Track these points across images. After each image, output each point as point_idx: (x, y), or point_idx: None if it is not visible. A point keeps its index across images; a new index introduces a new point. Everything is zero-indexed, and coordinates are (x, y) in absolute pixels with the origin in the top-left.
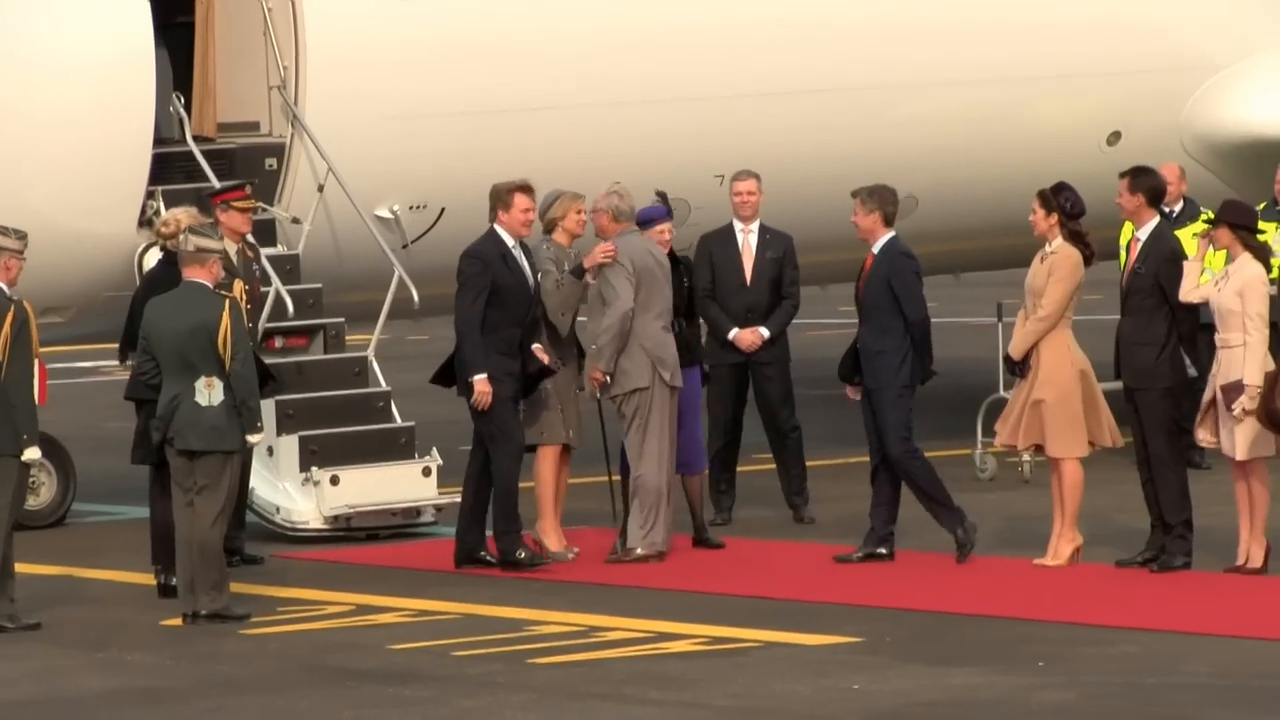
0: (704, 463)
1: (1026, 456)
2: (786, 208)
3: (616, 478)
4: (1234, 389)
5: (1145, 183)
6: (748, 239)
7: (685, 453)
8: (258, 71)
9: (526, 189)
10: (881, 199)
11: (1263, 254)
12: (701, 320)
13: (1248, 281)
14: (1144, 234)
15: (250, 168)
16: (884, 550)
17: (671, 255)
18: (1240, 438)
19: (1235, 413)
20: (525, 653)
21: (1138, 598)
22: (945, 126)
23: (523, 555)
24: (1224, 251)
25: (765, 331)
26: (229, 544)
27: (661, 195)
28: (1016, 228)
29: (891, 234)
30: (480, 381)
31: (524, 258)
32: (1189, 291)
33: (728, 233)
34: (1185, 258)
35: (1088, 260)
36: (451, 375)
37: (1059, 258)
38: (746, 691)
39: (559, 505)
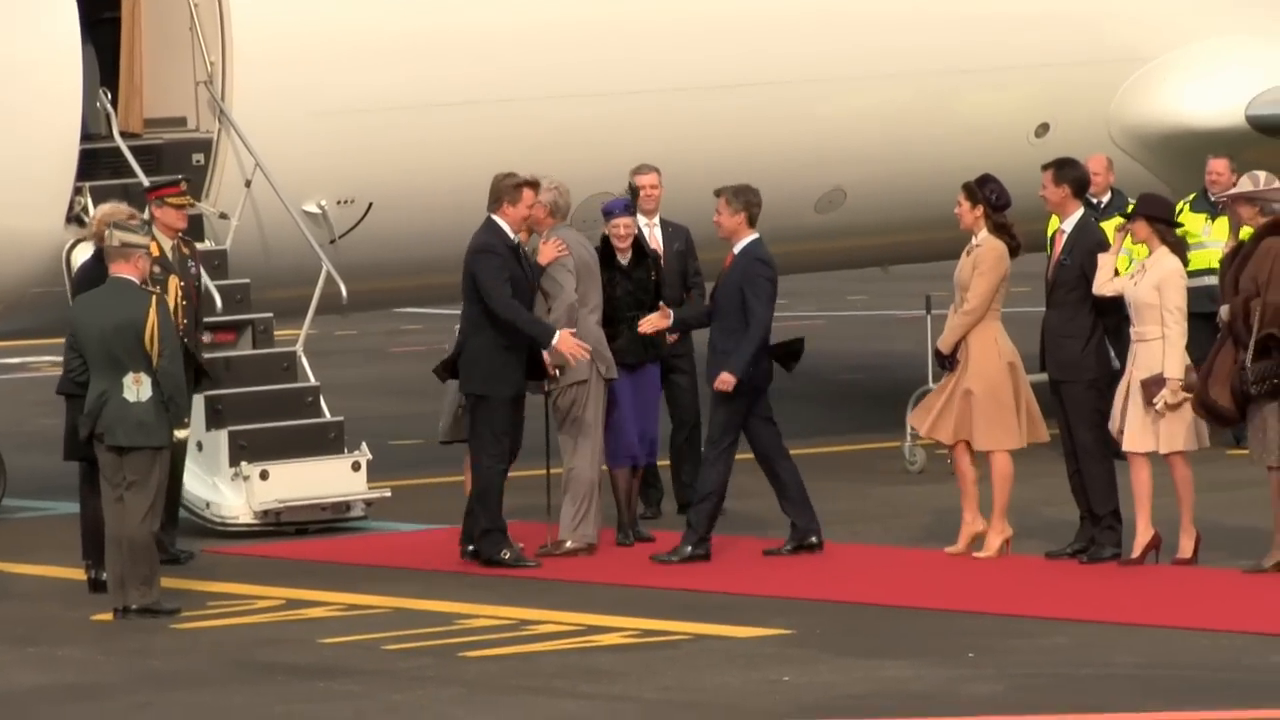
0: (654, 459)
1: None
2: (713, 200)
3: (557, 471)
4: (1154, 383)
5: (1070, 174)
6: (653, 233)
7: (638, 447)
8: (184, 67)
9: (535, 185)
10: (747, 200)
11: (1180, 248)
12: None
13: (1165, 275)
14: (1069, 226)
15: (177, 163)
16: (814, 539)
17: (639, 249)
18: (1163, 431)
19: (1157, 407)
20: (455, 646)
21: (1068, 589)
22: (873, 119)
23: (506, 555)
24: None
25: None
26: (160, 538)
27: (632, 189)
28: (945, 220)
29: (754, 236)
30: (562, 339)
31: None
32: (1103, 284)
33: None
34: (1108, 249)
35: (1013, 252)
36: (456, 369)
37: (984, 250)
38: (676, 684)
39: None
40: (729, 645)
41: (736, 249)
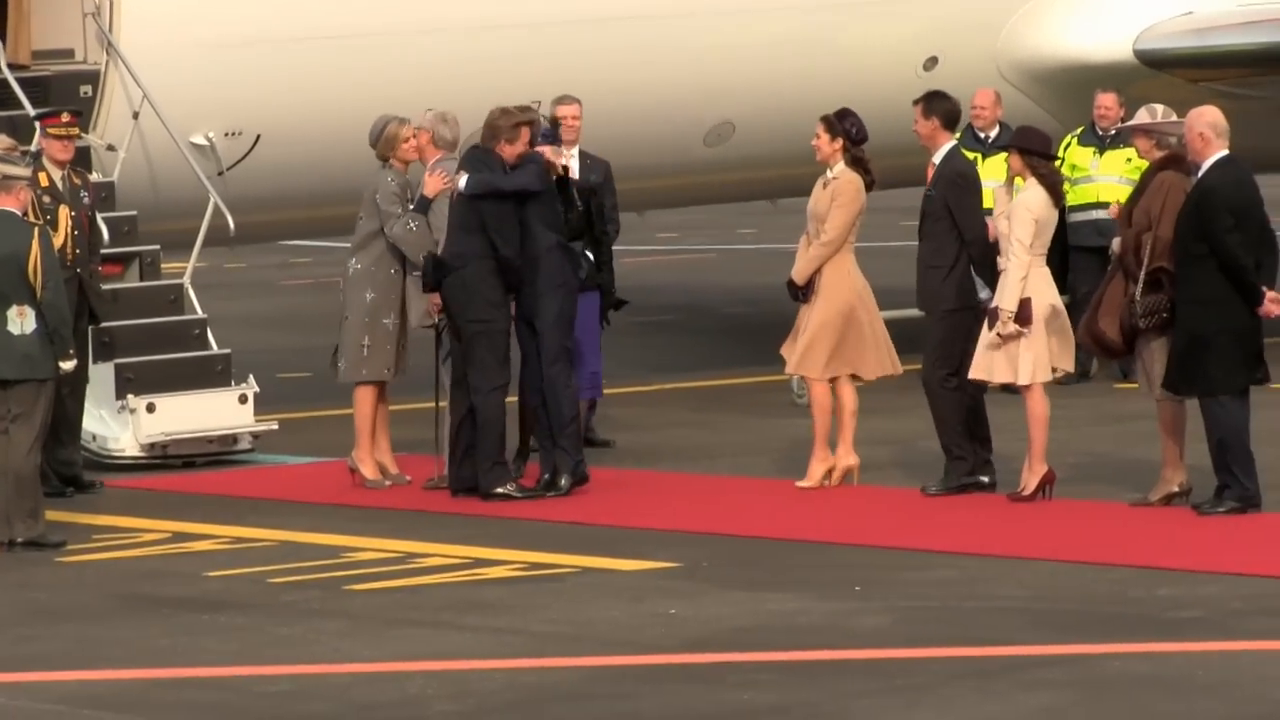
0: (598, 391)
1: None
2: (603, 134)
3: (444, 404)
4: (994, 312)
5: (939, 107)
6: (570, 165)
7: (588, 378)
8: None
9: (533, 122)
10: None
11: (1053, 181)
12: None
13: (1014, 206)
14: (938, 158)
15: (65, 95)
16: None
17: (562, 178)
18: (1012, 362)
19: (990, 337)
20: (342, 579)
21: (954, 522)
22: (761, 52)
23: (511, 489)
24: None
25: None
26: (68, 471)
27: (552, 121)
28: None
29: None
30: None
31: None
32: (997, 217)
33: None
34: (974, 179)
35: (869, 186)
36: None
37: (842, 183)
38: (563, 617)
39: (386, 434)
40: (615, 578)
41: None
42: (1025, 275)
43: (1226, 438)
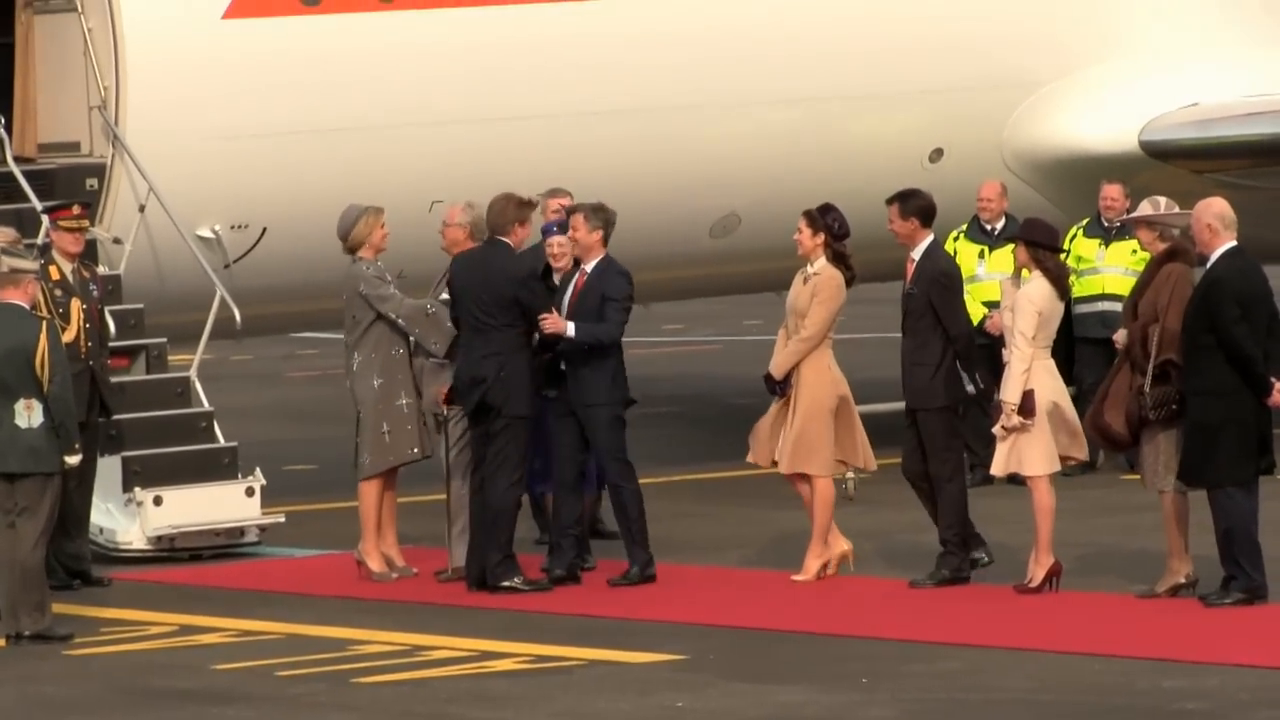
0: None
1: (850, 474)
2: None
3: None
4: (1000, 407)
5: (915, 204)
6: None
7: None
8: (78, 92)
9: (534, 204)
10: (605, 218)
11: (1059, 274)
12: None
13: (1018, 299)
14: (918, 254)
15: (72, 188)
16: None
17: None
18: (1022, 455)
19: (994, 430)
20: (349, 672)
21: (960, 614)
22: (767, 145)
23: (518, 582)
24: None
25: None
26: (76, 565)
27: (568, 210)
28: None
29: (605, 253)
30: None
31: None
32: (1004, 309)
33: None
34: (956, 276)
35: (849, 281)
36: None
37: (823, 279)
38: (569, 710)
39: (393, 525)
40: (622, 671)
41: (588, 266)
42: (1028, 368)
43: (1234, 529)
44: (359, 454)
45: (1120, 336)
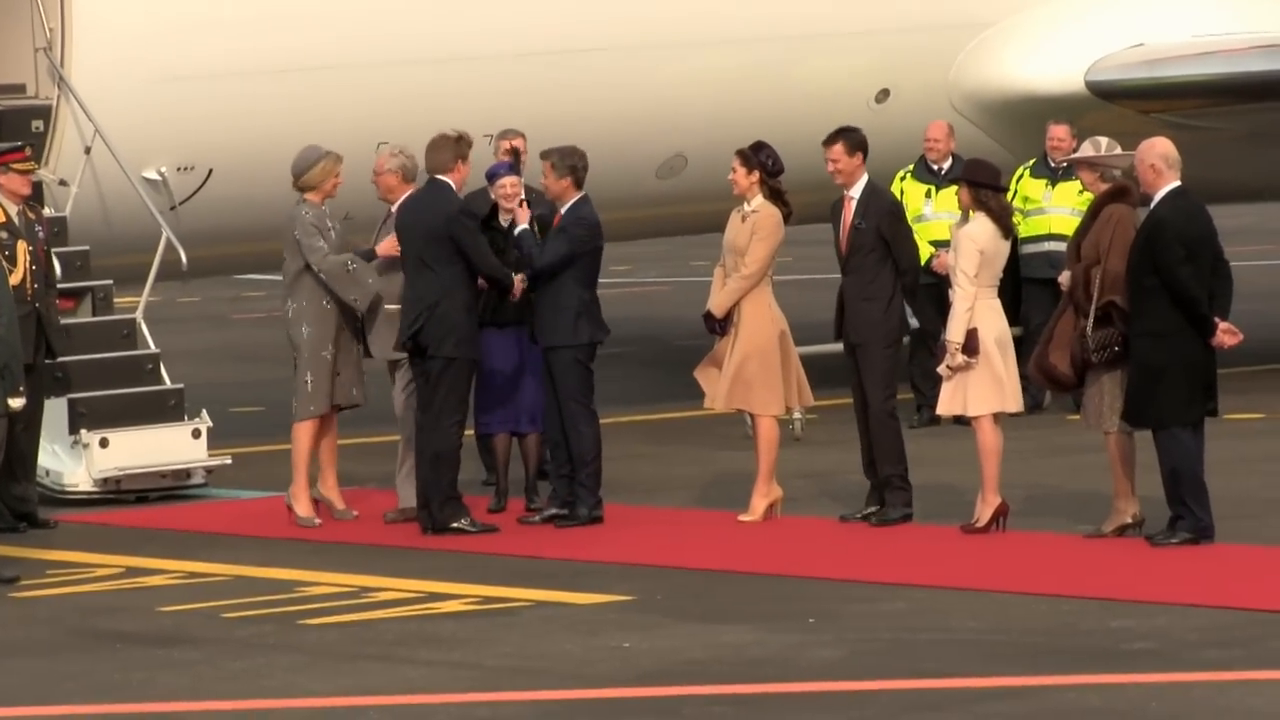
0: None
1: (798, 414)
2: None
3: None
4: (944, 346)
5: (859, 139)
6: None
7: (535, 410)
8: (23, 33)
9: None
10: (572, 163)
11: (1001, 213)
12: None
13: (959, 238)
14: (856, 191)
15: (17, 130)
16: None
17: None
18: (970, 395)
19: (939, 370)
20: (296, 614)
21: (906, 554)
22: (712, 85)
23: (465, 523)
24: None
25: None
26: (23, 507)
27: (513, 151)
28: (787, 186)
29: (581, 195)
30: (520, 279)
31: None
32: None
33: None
34: (903, 209)
35: (786, 219)
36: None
37: (761, 216)
38: (517, 651)
39: (333, 468)
40: (570, 612)
41: (563, 209)
42: (971, 306)
43: (1180, 469)
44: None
45: (1064, 278)
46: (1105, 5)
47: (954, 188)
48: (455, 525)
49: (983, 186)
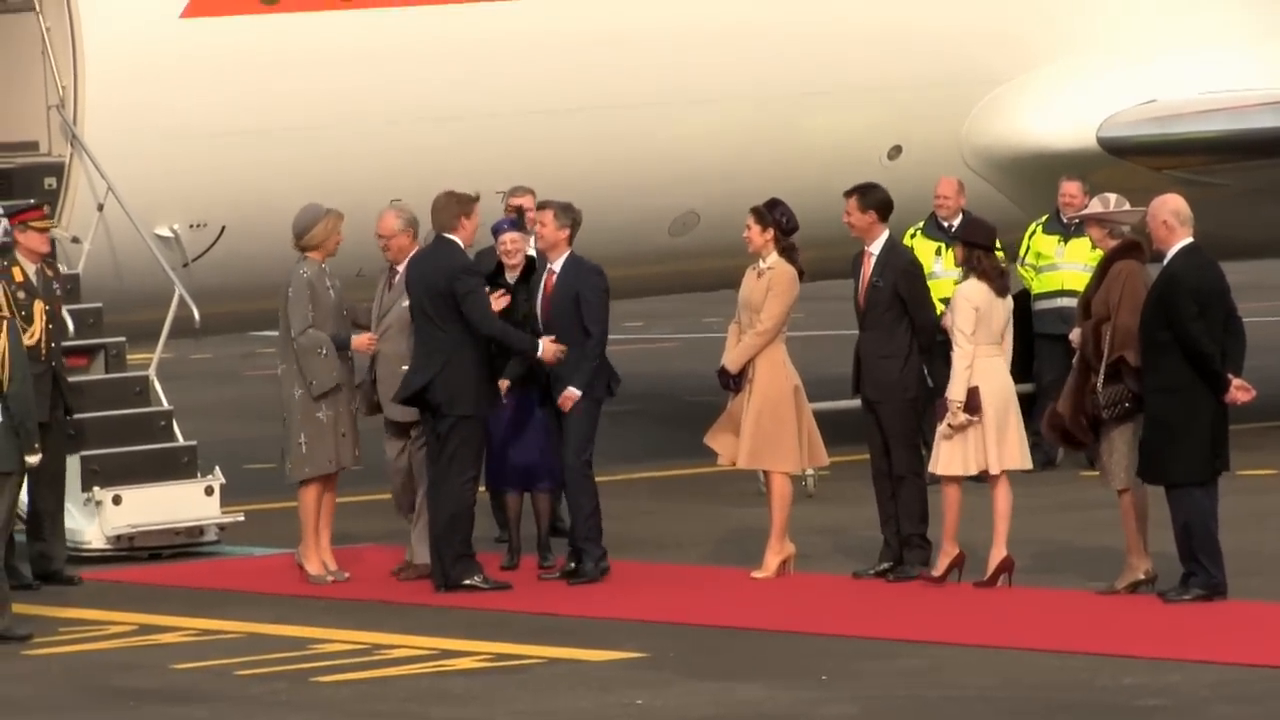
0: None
1: (810, 471)
2: None
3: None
4: (944, 405)
5: (875, 198)
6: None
7: (547, 468)
8: (36, 91)
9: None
10: (574, 217)
11: (995, 275)
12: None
13: (955, 298)
14: (876, 248)
15: (29, 187)
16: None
17: (529, 265)
18: (942, 455)
19: (940, 429)
20: (309, 671)
21: (920, 611)
22: (725, 141)
23: (478, 580)
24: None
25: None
26: (50, 566)
27: (518, 210)
28: (800, 242)
29: (570, 250)
30: (546, 347)
31: None
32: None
33: None
34: (921, 267)
35: (800, 276)
36: (419, 399)
37: (777, 274)
38: (529, 709)
39: (327, 529)
40: (582, 669)
41: (555, 265)
42: (970, 365)
43: (1192, 525)
44: (283, 459)
45: (1075, 335)
46: (1117, 62)
47: None
48: (468, 582)
49: (976, 247)
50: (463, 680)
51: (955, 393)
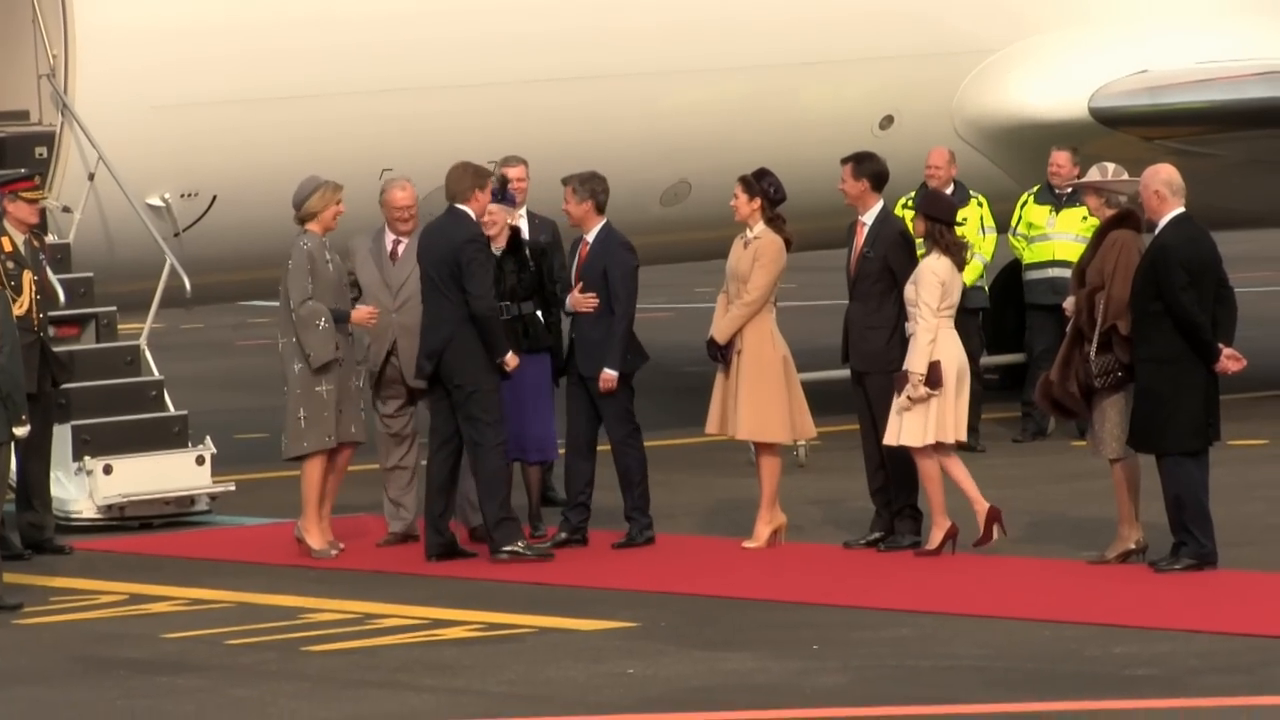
0: (552, 453)
1: (802, 441)
2: (558, 194)
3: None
4: (904, 377)
5: (869, 168)
6: (518, 224)
7: (540, 440)
8: (27, 60)
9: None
10: (593, 188)
11: (956, 248)
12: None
13: (919, 271)
14: (869, 218)
15: (20, 157)
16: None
17: (514, 237)
18: (905, 426)
19: (900, 400)
20: (299, 640)
21: (910, 581)
22: (717, 112)
23: (521, 546)
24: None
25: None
26: (39, 535)
27: (500, 180)
28: (790, 213)
29: (604, 221)
30: (511, 357)
31: None
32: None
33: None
34: (912, 240)
35: (787, 245)
36: (436, 374)
37: (764, 243)
38: (521, 678)
39: (329, 501)
40: (574, 638)
41: (589, 236)
42: (934, 339)
43: (1183, 495)
44: (283, 434)
45: (1070, 304)
46: (1109, 32)
47: (959, 213)
48: (509, 549)
49: (938, 221)
50: (454, 650)
51: (917, 365)
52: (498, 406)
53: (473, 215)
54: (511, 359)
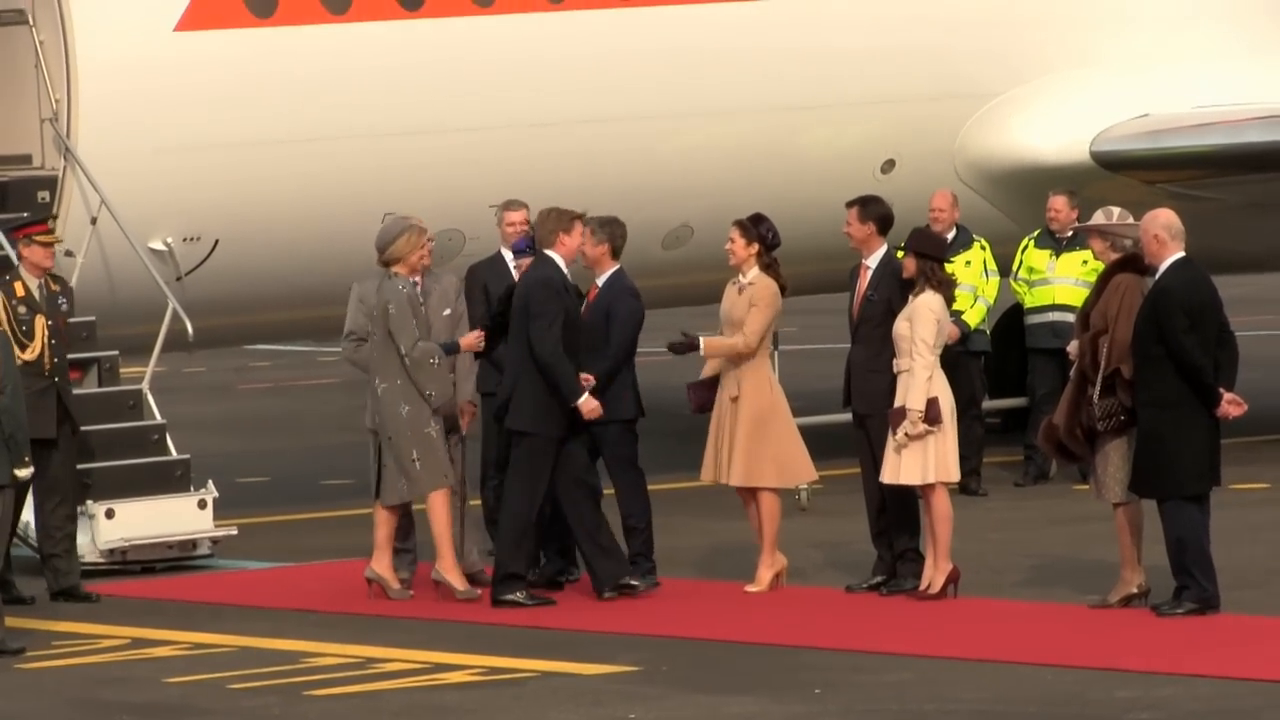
0: None
1: (804, 485)
2: None
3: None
4: (899, 414)
5: (875, 211)
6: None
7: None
8: (29, 104)
9: (583, 218)
10: (611, 231)
11: (945, 286)
12: None
13: (916, 308)
14: (873, 261)
15: (23, 201)
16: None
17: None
18: (904, 464)
19: (897, 438)
20: (301, 685)
21: (912, 624)
22: (720, 156)
23: (521, 595)
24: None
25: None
26: (66, 582)
27: (531, 227)
28: (792, 256)
29: (617, 267)
30: (586, 402)
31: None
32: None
33: (498, 262)
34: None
35: (782, 291)
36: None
37: (759, 288)
38: None
39: (394, 542)
40: (575, 682)
41: (600, 280)
42: (931, 376)
43: (1185, 539)
44: (383, 480)
45: (1073, 348)
46: (1110, 76)
47: (959, 257)
48: (509, 598)
49: (929, 259)
50: (456, 694)
51: (915, 402)
52: (539, 459)
53: (559, 261)
54: (586, 404)
